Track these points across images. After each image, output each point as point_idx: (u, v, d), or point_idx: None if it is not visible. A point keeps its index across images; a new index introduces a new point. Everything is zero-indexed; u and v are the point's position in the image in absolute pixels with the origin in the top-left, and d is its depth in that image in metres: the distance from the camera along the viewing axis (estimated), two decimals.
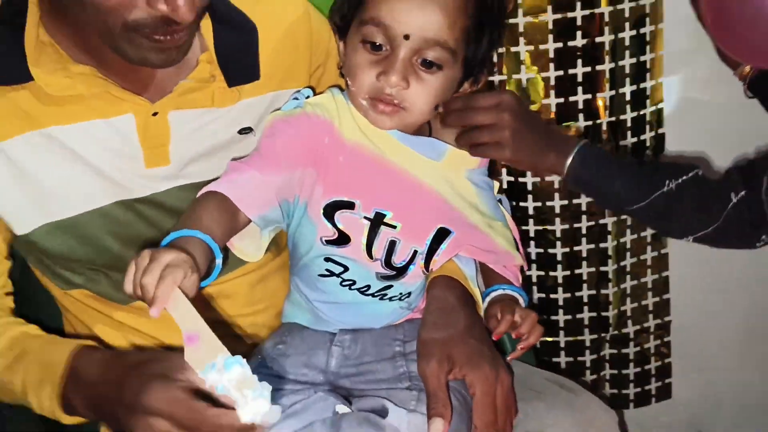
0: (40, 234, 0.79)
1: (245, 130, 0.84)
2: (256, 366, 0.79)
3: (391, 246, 0.78)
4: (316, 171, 0.77)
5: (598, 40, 1.11)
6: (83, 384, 0.72)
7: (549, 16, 1.10)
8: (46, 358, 0.75)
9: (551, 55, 1.11)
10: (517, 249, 0.87)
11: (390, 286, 0.81)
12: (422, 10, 0.72)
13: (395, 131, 0.79)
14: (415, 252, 0.80)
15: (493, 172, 1.12)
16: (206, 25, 0.82)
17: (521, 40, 1.11)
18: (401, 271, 0.80)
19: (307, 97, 0.80)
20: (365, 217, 0.77)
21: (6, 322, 0.80)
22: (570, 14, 1.10)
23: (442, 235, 0.80)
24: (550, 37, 1.11)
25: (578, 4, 1.09)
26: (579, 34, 1.11)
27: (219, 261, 0.67)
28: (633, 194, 0.85)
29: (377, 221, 0.77)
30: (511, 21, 1.10)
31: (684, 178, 0.83)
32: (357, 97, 0.77)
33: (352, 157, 0.77)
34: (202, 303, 0.84)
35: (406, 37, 0.73)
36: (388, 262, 0.79)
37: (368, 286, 0.80)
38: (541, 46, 1.11)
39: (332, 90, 0.82)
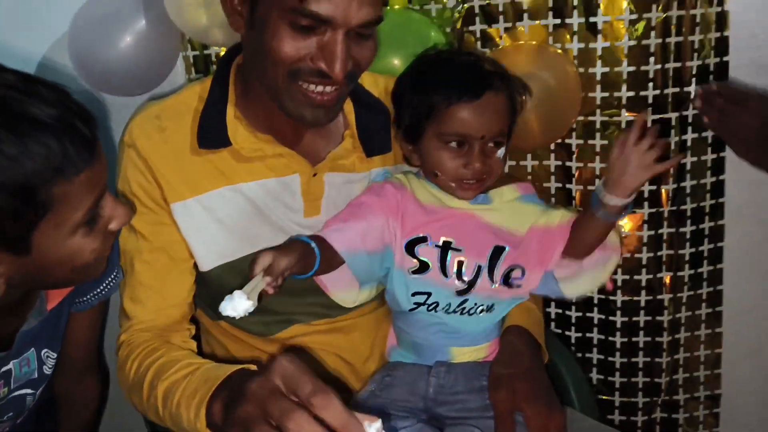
0: (216, 272, 1.01)
1: None
2: (368, 395, 0.99)
3: (460, 265, 0.99)
4: (395, 219, 1.00)
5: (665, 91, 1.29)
6: (228, 391, 0.74)
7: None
8: (210, 374, 0.80)
9: None
10: None
11: (466, 300, 1.00)
12: (488, 117, 0.96)
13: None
14: (480, 267, 0.99)
15: None
16: (349, 107, 1.06)
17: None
18: (471, 284, 1.00)
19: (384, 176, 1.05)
20: (436, 245, 0.99)
21: (184, 353, 0.94)
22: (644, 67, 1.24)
23: (498, 251, 1.00)
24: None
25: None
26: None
27: (316, 250, 0.92)
28: None
29: (446, 247, 0.99)
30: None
31: None
32: (445, 182, 1.00)
33: (421, 206, 1.00)
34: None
35: (482, 137, 0.97)
36: (459, 278, 1.00)
37: (449, 304, 1.01)
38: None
39: (404, 172, 1.07)
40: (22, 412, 0.97)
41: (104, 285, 1.01)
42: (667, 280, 1.37)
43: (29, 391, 0.96)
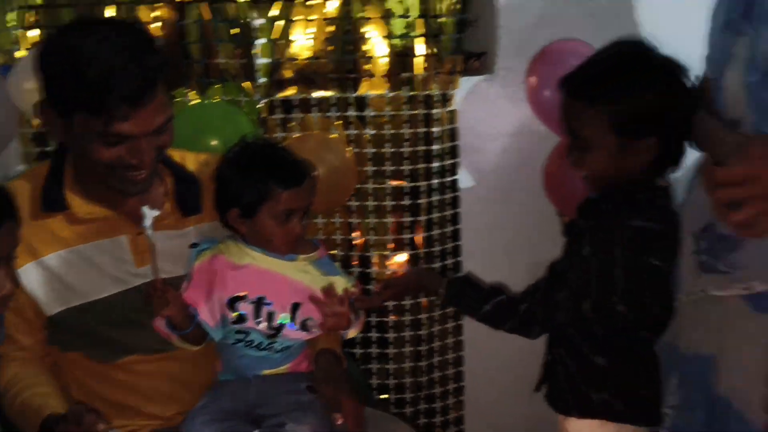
0: (60, 315, 1.25)
1: (193, 245, 1.35)
2: (202, 406, 1.30)
3: (270, 315, 1.31)
4: (217, 287, 1.29)
5: None
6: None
7: None
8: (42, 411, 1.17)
9: None
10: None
11: (275, 341, 1.33)
12: (306, 194, 1.28)
13: (264, 249, 1.33)
14: (284, 317, 1.31)
15: None
16: (170, 180, 1.34)
17: None
18: (279, 330, 1.32)
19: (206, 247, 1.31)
20: (252, 302, 1.30)
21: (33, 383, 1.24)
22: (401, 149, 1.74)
23: (296, 306, 1.32)
24: None
25: None
26: None
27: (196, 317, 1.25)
28: (469, 311, 1.39)
29: (259, 302, 1.30)
30: None
31: (494, 300, 1.31)
32: (278, 246, 1.31)
33: (238, 270, 1.31)
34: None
35: (302, 208, 1.30)
36: (270, 326, 1.31)
37: (262, 342, 1.32)
38: None
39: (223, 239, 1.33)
40: None
41: None
42: (425, 303, 1.85)
43: None
